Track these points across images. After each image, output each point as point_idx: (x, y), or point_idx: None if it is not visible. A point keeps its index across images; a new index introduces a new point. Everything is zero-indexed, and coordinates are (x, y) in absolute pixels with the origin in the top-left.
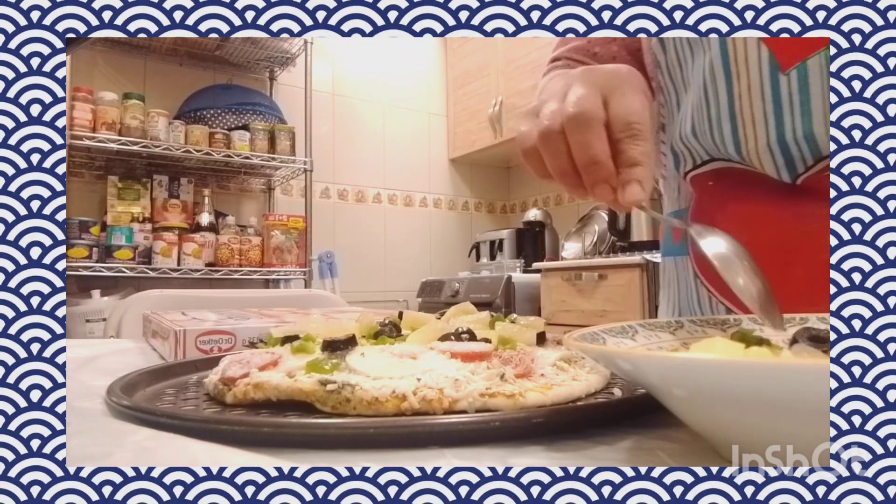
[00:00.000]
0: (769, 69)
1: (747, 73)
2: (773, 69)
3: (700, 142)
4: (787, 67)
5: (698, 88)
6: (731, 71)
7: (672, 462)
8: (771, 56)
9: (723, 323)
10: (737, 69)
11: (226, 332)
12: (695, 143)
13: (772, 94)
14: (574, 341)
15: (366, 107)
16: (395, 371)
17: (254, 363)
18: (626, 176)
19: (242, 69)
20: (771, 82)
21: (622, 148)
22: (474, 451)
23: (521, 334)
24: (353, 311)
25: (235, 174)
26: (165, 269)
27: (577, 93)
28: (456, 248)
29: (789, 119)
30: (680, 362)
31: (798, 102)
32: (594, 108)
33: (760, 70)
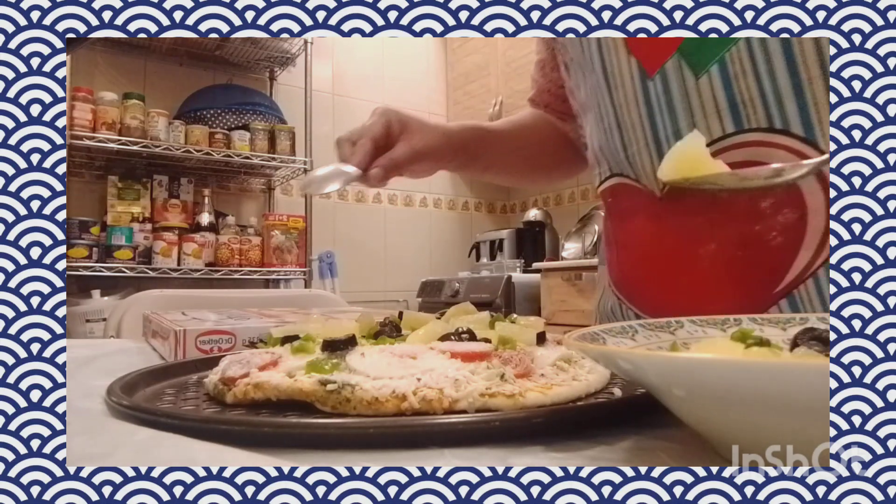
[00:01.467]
0: (639, 77)
1: (622, 84)
2: (643, 76)
3: (604, 155)
4: (652, 73)
5: (594, 106)
6: (611, 84)
7: (672, 462)
8: (638, 64)
9: (723, 323)
10: (615, 81)
11: (226, 332)
12: (602, 158)
13: (644, 100)
14: (574, 341)
15: (366, 107)
16: (395, 371)
17: (254, 363)
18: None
19: (242, 69)
20: (642, 89)
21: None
22: (474, 451)
23: (521, 334)
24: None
25: (235, 174)
26: (165, 269)
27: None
28: (456, 248)
29: (660, 120)
30: (680, 362)
31: (664, 102)
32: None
33: (633, 79)
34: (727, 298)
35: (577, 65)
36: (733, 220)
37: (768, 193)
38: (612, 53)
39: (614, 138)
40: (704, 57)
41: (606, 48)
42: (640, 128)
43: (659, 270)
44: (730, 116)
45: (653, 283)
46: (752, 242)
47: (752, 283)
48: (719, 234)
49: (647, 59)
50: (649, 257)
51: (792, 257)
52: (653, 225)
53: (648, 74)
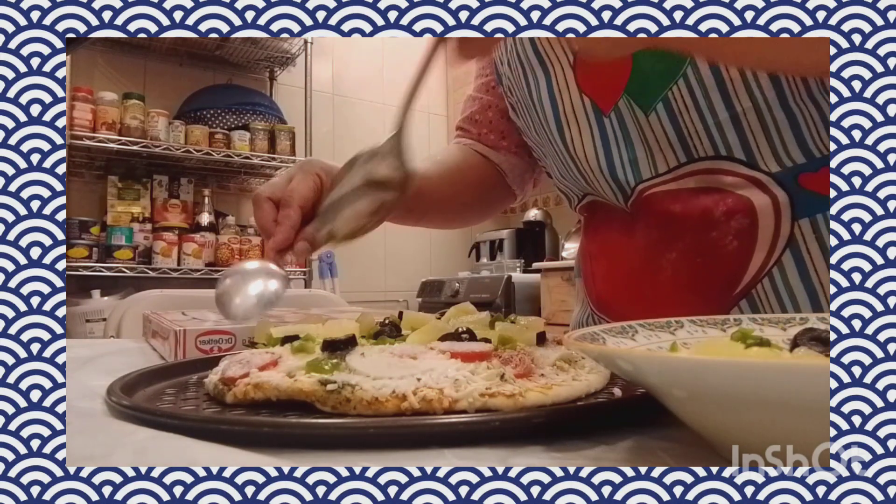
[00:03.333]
0: (594, 114)
1: (576, 120)
2: (598, 114)
3: (567, 181)
4: (608, 110)
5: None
6: (561, 121)
7: (672, 462)
8: (592, 103)
9: (723, 323)
10: (566, 118)
11: (226, 332)
12: (566, 183)
13: (599, 133)
14: (574, 341)
15: (366, 107)
16: (395, 371)
17: (254, 363)
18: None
19: (242, 69)
20: (598, 124)
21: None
22: (474, 451)
23: (521, 334)
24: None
25: (235, 174)
26: (165, 269)
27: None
28: (456, 248)
29: (615, 150)
30: (680, 362)
31: (621, 136)
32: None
33: (587, 115)
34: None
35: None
36: (690, 229)
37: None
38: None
39: (572, 169)
40: (650, 96)
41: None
42: (595, 158)
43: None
44: (680, 147)
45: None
46: (709, 249)
47: (712, 287)
48: (679, 243)
49: (601, 99)
50: (619, 267)
51: (747, 259)
52: (622, 237)
53: (604, 111)
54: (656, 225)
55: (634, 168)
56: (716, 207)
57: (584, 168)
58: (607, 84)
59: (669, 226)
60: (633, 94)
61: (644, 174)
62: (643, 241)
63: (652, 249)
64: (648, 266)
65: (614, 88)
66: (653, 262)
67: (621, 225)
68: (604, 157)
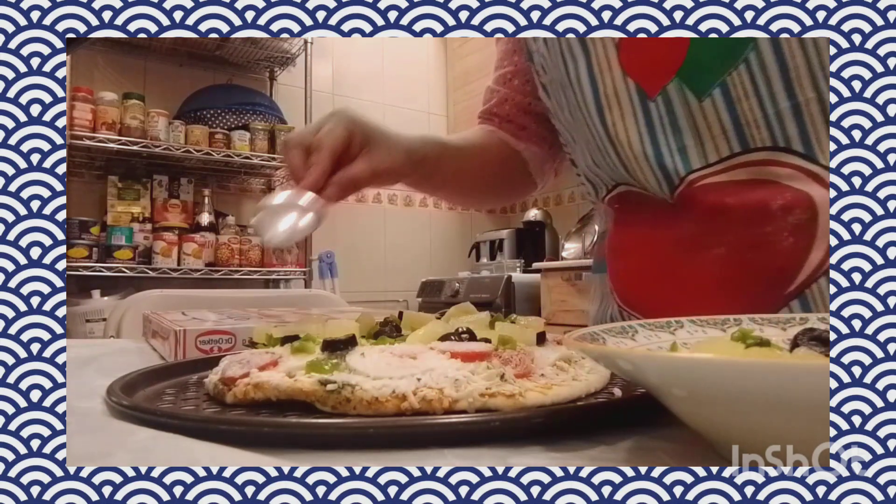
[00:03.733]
0: (638, 98)
1: (618, 103)
2: (643, 97)
3: (601, 169)
4: (654, 94)
5: (582, 126)
6: (601, 104)
7: (672, 462)
8: (637, 86)
9: (723, 323)
10: (607, 101)
11: (226, 332)
12: (598, 172)
13: (644, 118)
14: (574, 341)
15: (366, 107)
16: (395, 371)
17: (254, 363)
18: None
19: (242, 69)
20: (642, 108)
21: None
22: (474, 451)
23: (521, 334)
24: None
25: (235, 174)
26: (165, 269)
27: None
28: (456, 248)
29: (662, 137)
30: (680, 362)
31: (668, 122)
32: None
33: (631, 99)
34: (737, 302)
35: (558, 86)
36: (742, 223)
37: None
38: (605, 75)
39: (609, 153)
40: (705, 81)
41: (598, 70)
42: (640, 144)
43: (662, 275)
44: (735, 136)
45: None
46: (763, 244)
47: (761, 284)
48: (728, 237)
49: (647, 82)
50: (653, 262)
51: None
52: (661, 231)
53: (649, 96)
54: (703, 218)
55: (683, 156)
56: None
57: (626, 155)
58: (656, 66)
59: (718, 219)
60: (687, 77)
61: (693, 164)
62: (686, 234)
63: (695, 243)
64: (689, 261)
65: (664, 71)
66: (695, 256)
67: (658, 217)
68: (650, 145)
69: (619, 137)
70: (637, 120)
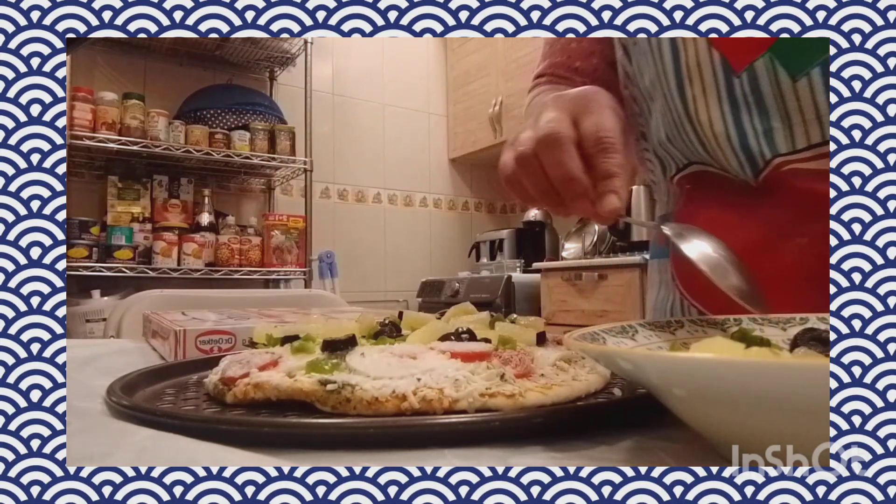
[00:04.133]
0: (723, 72)
1: (700, 77)
2: (727, 72)
3: (675, 146)
4: (740, 69)
5: (660, 96)
6: (682, 76)
7: (672, 462)
8: (723, 59)
9: (723, 323)
10: (688, 74)
11: (226, 332)
12: (671, 149)
13: (727, 96)
14: (574, 341)
15: (366, 107)
16: (395, 371)
17: (254, 363)
18: (602, 188)
19: (242, 69)
20: (726, 84)
21: (595, 162)
22: (474, 451)
23: (521, 334)
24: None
25: (235, 174)
26: (165, 269)
27: (547, 117)
28: (456, 248)
29: (747, 117)
30: (680, 362)
31: (753, 101)
32: (563, 128)
33: (714, 73)
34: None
35: (640, 50)
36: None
37: None
38: (688, 43)
39: (686, 131)
40: (803, 59)
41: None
42: (721, 123)
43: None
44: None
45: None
46: None
47: None
48: (814, 227)
49: (734, 55)
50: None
51: None
52: (737, 215)
53: (735, 70)
54: (789, 204)
55: (769, 139)
56: None
57: (706, 134)
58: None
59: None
60: (782, 54)
61: (780, 148)
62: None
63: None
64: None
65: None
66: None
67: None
68: (733, 125)
69: (699, 116)
70: (720, 96)
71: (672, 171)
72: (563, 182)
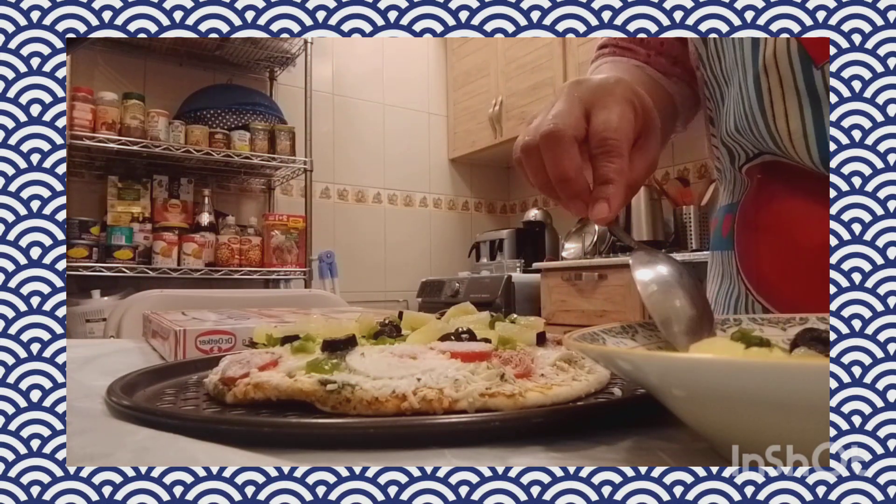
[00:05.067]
0: (801, 64)
1: (776, 68)
2: (807, 63)
3: (744, 137)
4: (821, 61)
5: (735, 83)
6: (759, 66)
7: (672, 462)
8: (802, 50)
9: (723, 323)
10: (764, 63)
11: (226, 332)
12: (740, 139)
13: (806, 89)
14: (574, 341)
15: (366, 107)
16: (395, 371)
17: (254, 363)
18: (597, 193)
19: (242, 69)
20: (804, 77)
21: (595, 165)
22: (474, 451)
23: (521, 334)
24: (353, 311)
25: (235, 174)
26: (165, 269)
27: (556, 110)
28: (456, 248)
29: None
30: (680, 362)
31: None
32: (567, 124)
33: (791, 65)
34: None
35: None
36: None
37: None
38: None
39: (757, 122)
40: None
41: None
42: (798, 118)
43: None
44: None
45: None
46: None
47: None
48: None
49: (815, 46)
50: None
51: None
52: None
53: (815, 62)
54: None
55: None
56: None
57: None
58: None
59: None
60: None
61: None
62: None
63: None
64: None
65: None
66: None
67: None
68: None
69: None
70: (798, 89)
71: (741, 161)
72: (558, 181)
